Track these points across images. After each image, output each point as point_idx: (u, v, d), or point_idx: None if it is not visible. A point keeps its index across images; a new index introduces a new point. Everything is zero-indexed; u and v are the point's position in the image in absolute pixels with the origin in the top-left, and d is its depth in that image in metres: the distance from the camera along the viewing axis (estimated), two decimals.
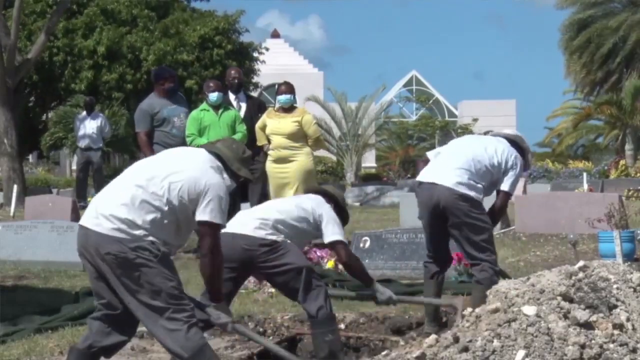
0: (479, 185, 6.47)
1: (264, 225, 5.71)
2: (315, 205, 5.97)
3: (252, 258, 5.68)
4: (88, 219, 4.68)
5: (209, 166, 4.75)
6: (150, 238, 4.56)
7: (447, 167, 6.50)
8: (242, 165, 4.90)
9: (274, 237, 5.70)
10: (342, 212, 6.15)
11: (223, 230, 4.82)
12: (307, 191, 6.49)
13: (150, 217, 4.57)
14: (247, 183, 8.59)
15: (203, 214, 4.63)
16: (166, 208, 4.60)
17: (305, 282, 5.66)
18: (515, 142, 6.79)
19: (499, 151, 6.62)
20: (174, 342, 4.55)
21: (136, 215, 4.56)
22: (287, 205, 5.99)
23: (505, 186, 6.60)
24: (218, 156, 4.85)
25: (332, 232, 5.91)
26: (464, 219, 6.36)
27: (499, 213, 6.76)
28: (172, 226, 4.64)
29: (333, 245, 5.98)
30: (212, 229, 4.66)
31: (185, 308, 4.61)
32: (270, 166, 10.01)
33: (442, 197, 6.36)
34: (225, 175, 4.81)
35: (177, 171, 4.68)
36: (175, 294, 4.57)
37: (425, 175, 6.58)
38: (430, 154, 6.85)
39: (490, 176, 6.55)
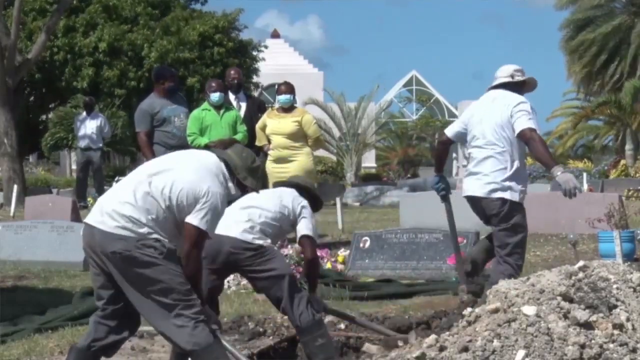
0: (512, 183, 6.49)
1: (250, 229, 5.67)
2: (293, 200, 5.92)
3: (237, 261, 5.66)
4: (93, 217, 4.68)
5: (214, 173, 4.75)
6: (155, 235, 4.57)
7: (478, 175, 6.57)
8: (249, 174, 4.89)
9: (260, 242, 5.67)
10: (315, 200, 6.10)
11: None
12: (276, 185, 6.44)
13: (153, 215, 4.58)
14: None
15: (194, 218, 4.62)
16: (168, 210, 4.61)
17: (289, 290, 5.64)
18: (511, 85, 6.68)
19: (505, 116, 6.49)
20: (181, 338, 4.55)
21: (140, 213, 4.57)
22: (269, 204, 5.88)
23: (522, 124, 6.41)
24: (226, 163, 4.84)
25: (306, 227, 5.86)
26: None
27: (540, 149, 6.48)
28: (173, 226, 4.65)
29: (303, 239, 5.90)
30: (196, 235, 4.63)
31: (194, 304, 4.60)
32: (270, 166, 10.01)
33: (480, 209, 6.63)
34: (230, 184, 4.80)
35: (182, 174, 4.68)
36: (182, 290, 4.57)
37: (465, 187, 6.69)
38: (450, 133, 6.87)
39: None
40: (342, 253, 9.65)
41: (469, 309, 4.46)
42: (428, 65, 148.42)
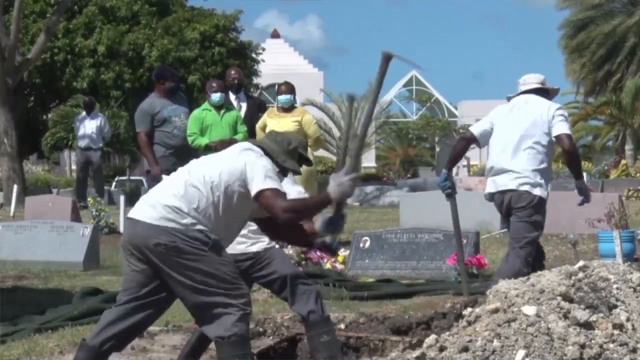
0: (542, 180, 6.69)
1: (243, 238, 5.62)
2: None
3: (241, 272, 5.66)
4: (136, 211, 4.65)
5: (247, 149, 4.73)
6: (199, 226, 4.54)
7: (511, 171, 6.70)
8: (289, 157, 4.84)
9: (254, 249, 5.65)
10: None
11: None
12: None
13: (195, 205, 4.55)
14: None
15: (255, 186, 4.57)
16: (212, 197, 4.57)
17: (292, 289, 5.64)
18: (542, 90, 6.92)
19: (544, 117, 6.73)
20: (222, 326, 4.51)
21: (183, 204, 4.54)
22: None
23: (562, 129, 6.74)
24: (264, 150, 4.80)
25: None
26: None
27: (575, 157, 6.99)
28: (221, 217, 4.61)
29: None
30: (272, 195, 4.55)
31: (242, 294, 4.58)
32: None
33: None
34: (269, 160, 4.74)
35: (218, 161, 4.70)
36: (229, 278, 4.55)
37: (498, 182, 6.77)
38: (476, 131, 6.95)
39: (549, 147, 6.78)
40: (342, 253, 9.65)
41: (469, 309, 4.46)
42: (428, 65, 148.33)
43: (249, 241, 5.62)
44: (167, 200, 4.57)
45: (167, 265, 4.54)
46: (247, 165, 4.63)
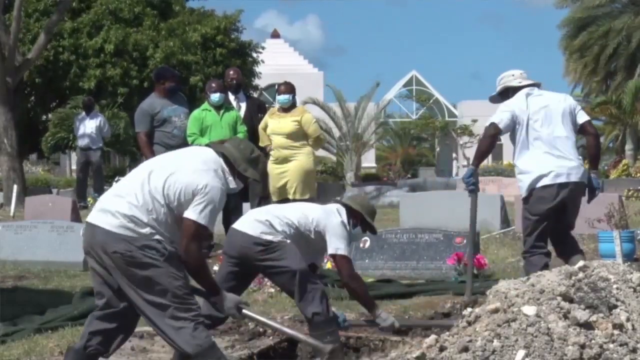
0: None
1: (261, 225, 5.71)
2: (322, 214, 5.86)
3: (248, 256, 5.71)
4: (95, 216, 4.68)
5: (213, 168, 4.74)
6: (157, 237, 4.57)
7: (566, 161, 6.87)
8: (250, 165, 4.88)
9: (269, 237, 5.69)
10: (368, 226, 6.06)
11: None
12: (334, 201, 6.35)
13: (154, 215, 4.58)
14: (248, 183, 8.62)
15: (192, 212, 4.61)
16: (168, 208, 4.61)
17: (300, 286, 5.65)
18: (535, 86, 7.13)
19: (568, 108, 7.00)
20: (181, 340, 4.57)
21: (142, 212, 4.57)
22: (290, 209, 5.95)
23: (583, 117, 7.07)
24: (225, 157, 4.84)
25: (334, 245, 5.81)
26: None
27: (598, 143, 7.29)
28: (173, 224, 4.65)
29: (334, 259, 5.89)
30: (194, 229, 4.61)
31: (192, 307, 4.62)
32: (270, 166, 10.01)
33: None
34: (230, 178, 4.79)
35: (180, 170, 4.69)
36: (180, 293, 4.58)
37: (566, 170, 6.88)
38: (502, 125, 7.00)
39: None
40: None
41: (469, 309, 4.46)
42: (428, 65, 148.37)
43: (267, 231, 5.66)
44: (126, 209, 4.59)
45: (123, 273, 4.57)
46: (202, 191, 4.62)
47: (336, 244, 5.81)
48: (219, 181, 4.71)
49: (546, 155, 6.89)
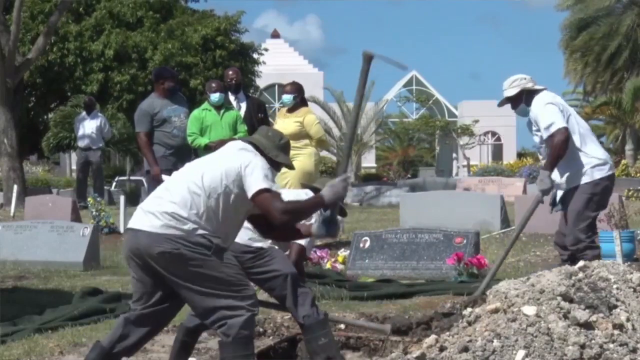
0: None
1: (248, 231, 5.63)
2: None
3: (239, 264, 5.66)
4: (136, 221, 4.67)
5: (242, 149, 4.76)
6: (201, 231, 4.56)
7: None
8: (280, 151, 4.90)
9: (259, 244, 5.66)
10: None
11: None
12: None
13: (196, 210, 4.57)
14: None
15: (253, 185, 4.60)
16: (210, 200, 4.59)
17: (292, 289, 5.64)
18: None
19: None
20: (232, 327, 4.56)
21: (183, 210, 4.56)
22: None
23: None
24: (255, 146, 4.83)
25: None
26: None
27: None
28: (221, 219, 4.63)
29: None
30: (270, 196, 4.59)
31: (249, 295, 4.63)
32: None
33: None
34: (263, 158, 4.77)
35: (213, 162, 4.72)
36: (235, 281, 4.59)
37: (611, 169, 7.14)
38: (566, 124, 6.97)
39: None
40: (342, 253, 9.65)
41: (469, 309, 4.46)
42: (428, 65, 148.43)
43: (254, 236, 5.62)
44: (166, 207, 4.58)
45: (173, 272, 4.57)
46: (242, 166, 4.65)
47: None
48: (253, 155, 4.73)
49: (600, 146, 7.21)
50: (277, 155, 4.87)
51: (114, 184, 23.60)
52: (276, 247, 5.74)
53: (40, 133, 27.05)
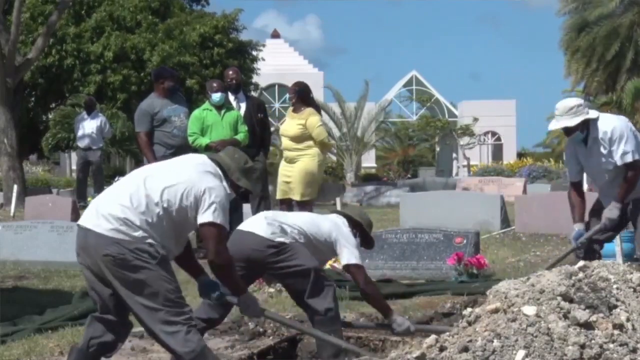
0: None
1: (273, 227, 5.68)
2: (332, 225, 5.89)
3: (260, 259, 5.65)
4: (87, 219, 4.71)
5: (209, 171, 4.76)
6: (150, 240, 4.57)
7: None
8: (243, 175, 4.91)
9: (282, 239, 5.67)
10: (366, 238, 6.11)
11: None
12: (333, 212, 6.41)
13: (149, 219, 4.58)
14: None
15: (204, 216, 4.63)
16: (165, 212, 4.61)
17: (314, 282, 5.65)
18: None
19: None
20: (175, 343, 4.59)
21: (135, 216, 4.57)
22: (303, 217, 5.97)
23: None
24: (220, 165, 4.85)
25: (347, 256, 5.84)
26: None
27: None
28: (171, 231, 4.65)
29: (348, 270, 5.91)
30: (215, 230, 4.65)
31: (184, 311, 4.64)
32: (281, 165, 10.33)
33: None
34: (224, 183, 4.80)
35: (177, 175, 4.70)
36: (172, 297, 4.60)
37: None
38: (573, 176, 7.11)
39: None
40: None
41: (469, 309, 4.46)
42: (428, 65, 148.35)
43: (276, 231, 5.65)
44: (119, 212, 4.59)
45: (115, 276, 4.59)
46: (205, 191, 4.65)
47: (349, 254, 5.84)
48: (218, 181, 4.74)
49: None
50: (238, 179, 4.90)
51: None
52: (297, 243, 5.74)
53: (40, 133, 27.04)
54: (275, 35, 56.51)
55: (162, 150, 10.07)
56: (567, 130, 6.92)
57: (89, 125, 16.73)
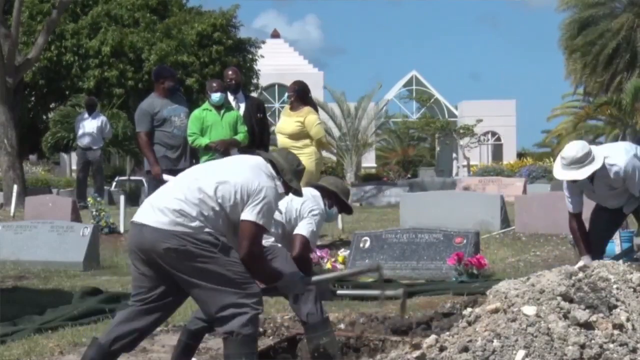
0: None
1: None
2: (304, 203, 5.81)
3: None
4: (142, 215, 4.67)
5: (263, 171, 4.77)
6: (208, 229, 4.57)
7: None
8: (295, 177, 4.92)
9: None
10: (343, 205, 6.06)
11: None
12: (307, 185, 6.38)
13: (204, 212, 4.59)
14: None
15: (249, 214, 4.62)
16: (220, 208, 4.61)
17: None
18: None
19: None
20: (237, 323, 4.58)
21: (191, 208, 4.57)
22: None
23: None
24: (273, 164, 4.86)
25: (304, 227, 5.73)
26: None
27: None
28: (226, 228, 4.66)
29: (296, 236, 5.75)
30: (254, 230, 4.63)
31: (254, 293, 4.64)
32: None
33: None
34: (278, 183, 4.81)
35: (232, 173, 4.71)
36: (241, 279, 4.60)
37: None
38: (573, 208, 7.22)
39: None
40: (342, 253, 9.65)
41: (469, 309, 4.46)
42: (428, 65, 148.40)
43: None
44: (174, 204, 4.59)
45: (179, 269, 4.57)
46: (257, 190, 4.65)
47: (307, 227, 5.74)
48: (271, 182, 4.74)
49: None
50: (291, 180, 4.90)
51: (114, 184, 23.62)
52: (279, 245, 5.72)
53: (40, 133, 27.02)
54: (275, 35, 56.53)
55: (162, 150, 10.07)
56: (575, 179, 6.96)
57: (89, 125, 16.71)
